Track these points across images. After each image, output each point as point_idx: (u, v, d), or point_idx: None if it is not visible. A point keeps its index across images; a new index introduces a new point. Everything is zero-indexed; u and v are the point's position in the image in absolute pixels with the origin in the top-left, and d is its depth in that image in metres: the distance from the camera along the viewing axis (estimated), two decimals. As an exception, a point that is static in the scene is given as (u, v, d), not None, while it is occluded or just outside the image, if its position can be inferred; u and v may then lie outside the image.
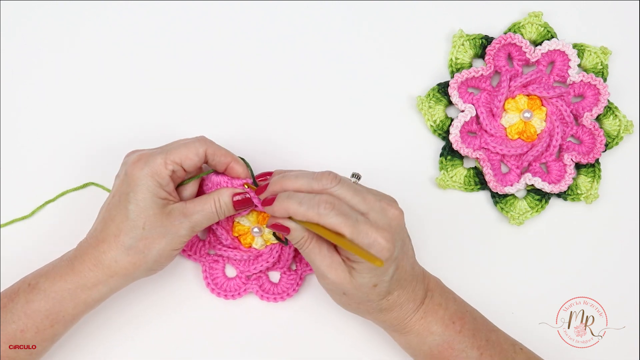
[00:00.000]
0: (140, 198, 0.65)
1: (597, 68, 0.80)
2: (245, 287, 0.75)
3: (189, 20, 0.81)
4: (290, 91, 0.80)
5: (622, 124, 0.79)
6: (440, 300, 0.68)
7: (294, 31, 0.81)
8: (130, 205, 0.65)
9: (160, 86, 0.80)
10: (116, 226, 0.66)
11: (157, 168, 0.66)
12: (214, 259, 0.75)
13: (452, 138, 0.77)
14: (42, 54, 0.80)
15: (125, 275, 0.66)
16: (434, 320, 0.67)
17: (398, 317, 0.67)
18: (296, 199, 0.63)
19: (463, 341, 0.67)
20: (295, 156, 0.78)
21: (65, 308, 0.66)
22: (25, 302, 0.65)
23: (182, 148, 0.66)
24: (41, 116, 0.79)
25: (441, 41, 0.81)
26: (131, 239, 0.65)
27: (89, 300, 0.66)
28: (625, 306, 0.77)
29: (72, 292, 0.65)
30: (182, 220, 0.66)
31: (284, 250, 0.74)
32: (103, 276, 0.66)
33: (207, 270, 0.75)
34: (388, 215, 0.63)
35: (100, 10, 0.81)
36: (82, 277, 0.66)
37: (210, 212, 0.68)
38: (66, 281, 0.66)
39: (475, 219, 0.78)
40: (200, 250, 0.75)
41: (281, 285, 0.75)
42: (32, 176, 0.78)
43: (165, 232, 0.66)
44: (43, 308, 0.65)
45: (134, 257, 0.66)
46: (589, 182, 0.78)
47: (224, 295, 0.74)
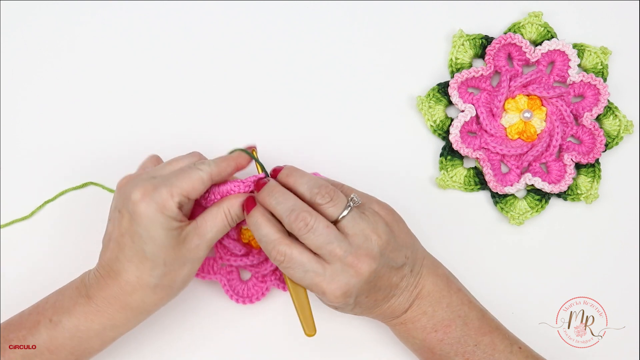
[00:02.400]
0: (154, 236, 0.62)
1: (597, 68, 0.80)
2: (267, 286, 0.74)
3: (190, 21, 0.81)
4: (290, 91, 0.80)
5: (622, 124, 0.79)
6: (426, 309, 0.68)
7: (294, 31, 0.81)
8: (146, 245, 0.62)
9: (160, 87, 0.80)
10: (136, 267, 0.63)
11: (164, 202, 0.62)
12: (228, 270, 0.74)
13: (452, 138, 0.77)
14: (42, 54, 0.80)
15: (154, 309, 0.66)
16: (414, 328, 0.68)
17: (377, 318, 0.69)
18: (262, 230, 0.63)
19: (444, 348, 0.68)
20: (296, 156, 0.78)
21: (92, 345, 0.65)
22: (49, 338, 0.64)
23: (185, 179, 0.63)
24: (41, 116, 0.79)
25: (441, 41, 0.81)
26: (155, 278, 0.63)
27: (117, 336, 0.66)
28: (625, 306, 0.77)
29: (100, 332, 0.64)
30: (198, 242, 0.64)
31: None
32: (132, 315, 0.65)
33: (226, 284, 0.74)
34: (349, 272, 0.63)
35: (100, 11, 0.81)
36: (109, 319, 0.64)
37: (223, 225, 0.66)
38: (93, 322, 0.64)
39: (475, 219, 0.78)
40: (213, 267, 0.74)
41: None
42: (31, 176, 0.78)
43: (185, 260, 0.64)
44: (69, 346, 0.64)
45: (162, 293, 0.64)
46: (589, 182, 0.78)
47: (249, 301, 0.74)
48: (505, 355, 0.68)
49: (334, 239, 0.62)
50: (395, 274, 0.66)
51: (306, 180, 0.64)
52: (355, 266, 0.62)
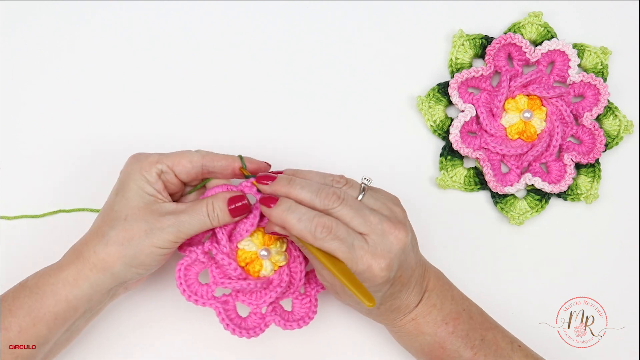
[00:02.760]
0: (126, 190, 0.65)
1: (597, 68, 0.80)
2: (266, 322, 0.69)
3: (190, 21, 0.81)
4: (290, 92, 0.80)
5: (622, 124, 0.79)
6: (435, 301, 0.68)
7: (294, 31, 0.81)
8: (117, 197, 0.65)
9: (160, 87, 0.80)
10: (101, 218, 0.66)
11: (146, 165, 0.66)
12: (224, 299, 0.69)
13: (452, 138, 0.77)
14: (42, 54, 0.80)
15: (104, 269, 0.64)
16: (425, 322, 0.67)
17: (388, 319, 0.68)
18: (296, 214, 0.62)
19: (455, 342, 0.67)
20: (296, 156, 0.78)
21: (46, 305, 0.64)
22: (12, 299, 0.65)
23: (177, 154, 0.67)
24: (41, 115, 0.79)
25: (441, 41, 0.81)
26: (111, 229, 0.64)
27: (70, 297, 0.64)
28: (625, 306, 0.77)
29: (54, 288, 0.64)
30: (169, 218, 0.65)
31: (294, 271, 0.70)
32: (82, 269, 0.64)
33: (222, 313, 0.69)
34: (389, 239, 0.62)
35: (100, 11, 0.81)
36: (62, 271, 0.65)
37: (202, 215, 0.65)
38: (50, 276, 0.65)
39: (475, 219, 0.78)
40: (207, 293, 0.69)
41: (297, 311, 0.71)
42: (31, 176, 0.78)
43: (148, 228, 0.64)
44: (26, 305, 0.64)
45: (112, 248, 0.64)
46: (589, 182, 0.78)
47: (246, 335, 0.69)
48: (507, 353, 0.68)
49: (366, 208, 0.63)
50: (413, 255, 0.66)
51: (315, 174, 0.65)
52: (392, 233, 0.62)
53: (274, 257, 0.69)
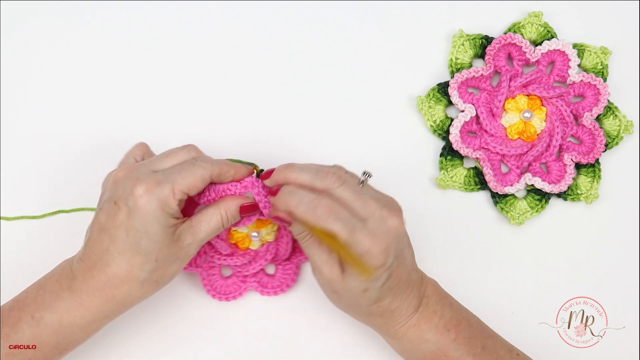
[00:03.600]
0: (152, 232, 0.62)
1: (597, 68, 0.80)
2: (245, 286, 0.74)
3: (190, 21, 0.81)
4: (290, 91, 0.80)
5: (622, 124, 0.79)
6: (435, 308, 0.67)
7: (294, 31, 0.81)
8: (142, 241, 0.62)
9: (160, 86, 0.80)
10: (127, 261, 0.62)
11: (166, 200, 0.62)
12: (210, 265, 0.74)
13: (452, 138, 0.77)
14: (42, 54, 0.80)
15: (138, 302, 0.66)
16: (427, 328, 0.67)
17: (389, 323, 0.67)
18: (296, 197, 0.62)
19: (458, 349, 0.66)
20: (296, 156, 0.78)
21: (75, 339, 0.65)
22: (32, 336, 0.64)
23: (188, 177, 0.63)
24: (41, 115, 0.79)
25: (441, 41, 0.81)
26: (145, 273, 0.63)
27: (101, 327, 0.66)
28: (625, 306, 0.77)
29: (83, 326, 0.64)
30: (191, 241, 0.65)
31: (280, 247, 0.73)
32: (116, 308, 0.64)
33: (205, 278, 0.74)
34: (387, 224, 0.62)
35: (100, 11, 0.81)
36: (93, 312, 0.64)
37: (218, 227, 0.66)
38: (76, 316, 0.63)
39: (475, 219, 0.78)
40: (195, 261, 0.73)
41: (278, 277, 0.75)
42: (31, 176, 0.78)
43: (176, 258, 0.64)
44: (53, 341, 0.64)
45: (149, 288, 0.64)
46: (589, 182, 0.78)
47: (225, 298, 0.74)
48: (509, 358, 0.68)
49: (366, 193, 0.63)
50: (409, 254, 0.66)
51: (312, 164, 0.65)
52: (390, 218, 0.62)
53: (263, 237, 0.73)
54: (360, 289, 0.63)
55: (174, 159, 0.66)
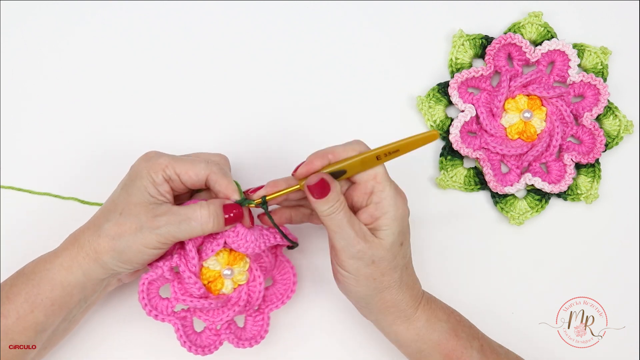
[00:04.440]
0: (130, 186, 0.66)
1: (597, 68, 0.80)
2: (220, 339, 0.70)
3: (190, 21, 0.81)
4: (290, 92, 0.80)
5: (622, 124, 0.79)
6: (432, 297, 0.70)
7: (294, 31, 0.81)
8: (121, 191, 0.66)
9: (160, 86, 0.80)
10: (102, 209, 0.66)
11: (155, 167, 0.65)
12: (182, 315, 0.70)
13: (452, 138, 0.77)
14: (42, 54, 0.80)
15: (95, 259, 0.65)
16: (437, 308, 0.68)
17: (411, 297, 0.67)
18: (332, 146, 0.66)
19: (465, 330, 0.68)
20: (296, 156, 0.78)
21: (43, 290, 0.65)
22: (10, 286, 0.66)
23: (188, 163, 0.66)
24: (41, 115, 0.79)
25: (441, 41, 0.81)
26: (106, 221, 0.65)
27: (65, 282, 0.65)
28: (625, 306, 0.77)
29: (49, 274, 0.65)
30: (162, 219, 0.65)
31: (252, 290, 0.70)
32: (76, 256, 0.65)
33: (180, 329, 0.69)
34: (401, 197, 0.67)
35: (100, 11, 0.81)
36: (58, 257, 0.66)
37: (195, 222, 0.65)
38: (46, 262, 0.66)
39: (475, 219, 0.79)
40: (167, 308, 0.69)
41: (249, 329, 0.72)
42: (31, 176, 0.78)
43: (139, 226, 0.64)
44: (23, 291, 0.65)
45: (104, 240, 0.65)
46: (589, 182, 0.78)
47: (201, 352, 0.70)
48: (504, 350, 0.69)
49: None
50: None
51: None
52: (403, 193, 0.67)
53: (235, 277, 0.70)
54: (398, 242, 0.65)
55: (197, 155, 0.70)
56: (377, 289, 0.66)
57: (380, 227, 0.65)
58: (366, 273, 0.66)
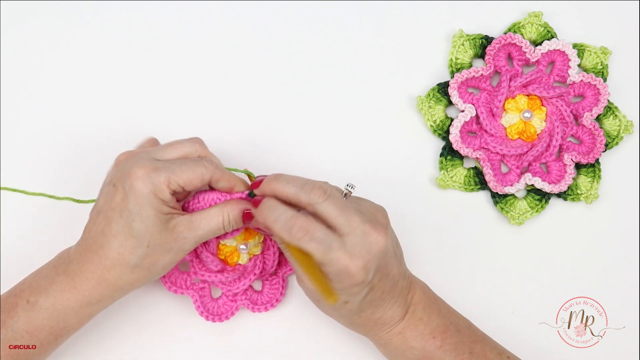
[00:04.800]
0: (144, 215, 0.63)
1: (597, 68, 0.80)
2: (237, 305, 0.73)
3: (190, 21, 0.81)
4: (290, 92, 0.80)
5: (622, 124, 0.79)
6: (422, 315, 0.67)
7: (294, 31, 0.81)
8: (135, 223, 0.63)
9: (160, 86, 0.80)
10: (119, 243, 0.63)
11: (160, 186, 0.63)
12: (200, 286, 0.73)
13: (452, 138, 0.77)
14: (42, 54, 0.80)
15: (130, 289, 0.66)
16: (412, 336, 0.67)
17: (373, 331, 0.67)
18: (274, 213, 0.62)
19: (443, 356, 0.67)
20: (295, 156, 0.78)
21: (69, 324, 0.65)
22: (27, 320, 0.64)
23: (187, 172, 0.64)
24: (41, 115, 0.79)
25: (441, 41, 0.81)
26: (136, 257, 0.64)
27: (94, 313, 0.66)
28: (625, 306, 0.77)
29: (77, 310, 0.65)
30: (187, 235, 0.65)
31: (267, 260, 0.73)
32: (107, 292, 0.65)
33: (198, 301, 0.73)
34: (369, 240, 0.62)
35: (100, 11, 0.81)
36: (86, 296, 0.64)
37: (218, 227, 0.66)
38: (69, 299, 0.64)
39: (475, 219, 0.78)
40: (186, 282, 0.73)
41: (266, 293, 0.74)
42: (31, 175, 0.78)
43: (169, 248, 0.65)
44: (47, 326, 0.64)
45: (139, 274, 0.65)
46: (589, 182, 0.78)
47: (218, 319, 0.73)
48: None
49: (350, 208, 0.62)
50: (396, 264, 0.65)
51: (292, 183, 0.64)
52: (373, 234, 0.62)
53: (251, 250, 0.73)
54: (341, 301, 0.63)
55: (177, 150, 0.66)
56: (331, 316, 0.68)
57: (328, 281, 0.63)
58: (316, 304, 0.68)
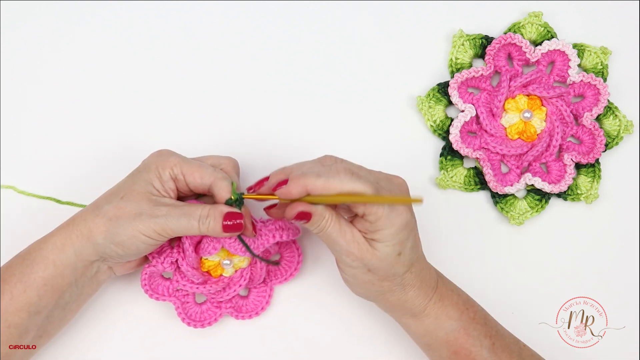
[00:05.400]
0: (137, 176, 0.67)
1: (597, 68, 0.80)
2: (220, 312, 0.73)
3: (190, 21, 0.81)
4: (290, 92, 0.80)
5: (622, 124, 0.79)
6: (451, 287, 0.69)
7: (294, 31, 0.81)
8: (126, 179, 0.68)
9: (160, 86, 0.80)
10: (104, 194, 0.68)
11: (164, 163, 0.67)
12: (184, 293, 0.73)
13: (452, 138, 0.77)
14: (42, 54, 0.80)
15: (88, 238, 0.65)
16: (450, 305, 0.68)
17: (418, 297, 0.67)
18: (313, 172, 0.62)
19: (477, 328, 0.68)
20: (295, 156, 0.78)
21: (35, 270, 0.66)
22: (5, 268, 0.67)
23: (196, 166, 0.67)
24: (41, 115, 0.79)
25: (441, 41, 0.81)
26: (107, 203, 0.66)
27: (57, 261, 0.66)
28: (625, 306, 0.77)
29: (43, 252, 0.66)
30: (162, 209, 0.65)
31: (255, 273, 0.72)
32: (70, 235, 0.66)
33: (180, 307, 0.72)
34: (395, 182, 0.65)
35: (100, 11, 0.81)
36: (52, 236, 0.66)
37: (194, 218, 0.66)
38: (41, 242, 0.67)
39: (475, 219, 0.79)
40: (168, 289, 0.72)
41: (252, 300, 0.74)
42: (31, 175, 0.78)
43: (139, 212, 0.65)
44: (17, 271, 0.66)
45: (100, 220, 0.65)
46: (589, 182, 0.78)
47: (200, 325, 0.73)
48: (516, 348, 0.69)
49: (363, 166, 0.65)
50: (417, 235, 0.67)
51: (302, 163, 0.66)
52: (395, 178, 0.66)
53: (236, 264, 0.72)
54: (395, 253, 0.64)
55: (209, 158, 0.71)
56: (378, 292, 0.67)
57: (376, 239, 0.64)
58: (364, 279, 0.66)
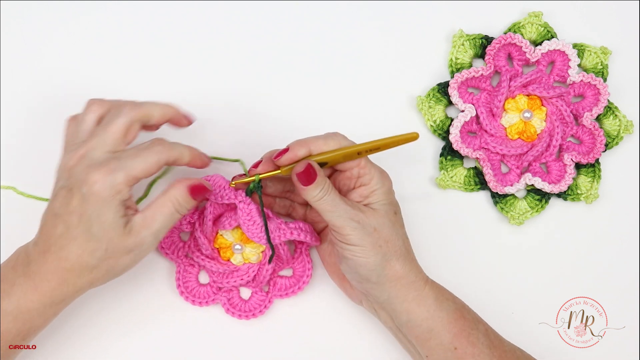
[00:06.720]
0: (103, 220, 0.62)
1: (597, 68, 0.80)
2: (214, 298, 0.74)
3: (190, 21, 0.81)
4: (290, 92, 0.80)
5: (622, 124, 0.79)
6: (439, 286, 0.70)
7: (294, 31, 0.81)
8: (93, 227, 0.63)
9: (160, 86, 0.80)
10: (78, 246, 0.63)
11: (120, 187, 0.63)
12: (190, 262, 0.74)
13: (452, 138, 0.77)
14: (42, 54, 0.80)
15: (92, 287, 0.66)
16: (443, 288, 0.70)
17: (419, 271, 0.69)
18: (310, 138, 0.67)
19: (470, 312, 0.69)
20: (295, 156, 0.78)
21: (35, 324, 0.65)
22: None
23: (141, 163, 0.64)
24: (41, 115, 0.79)
25: (441, 41, 0.81)
26: (95, 259, 0.63)
27: (58, 311, 0.66)
28: (625, 306, 0.77)
29: (41, 311, 0.64)
30: (145, 233, 0.64)
31: (261, 270, 0.73)
32: (70, 292, 0.65)
33: (180, 272, 0.74)
34: None
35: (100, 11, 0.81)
36: (48, 297, 0.64)
37: (171, 214, 0.65)
38: (32, 301, 0.64)
39: (475, 219, 0.79)
40: (178, 251, 0.74)
41: (250, 303, 0.74)
42: (31, 175, 0.78)
43: (129, 249, 0.64)
44: (13, 329, 0.64)
45: (99, 274, 0.64)
46: (589, 182, 0.78)
47: (191, 301, 0.73)
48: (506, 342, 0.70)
49: None
50: None
51: None
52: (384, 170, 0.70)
53: (245, 254, 0.73)
54: (392, 211, 0.68)
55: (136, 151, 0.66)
56: (385, 256, 0.67)
57: (372, 202, 0.68)
58: (371, 241, 0.66)
